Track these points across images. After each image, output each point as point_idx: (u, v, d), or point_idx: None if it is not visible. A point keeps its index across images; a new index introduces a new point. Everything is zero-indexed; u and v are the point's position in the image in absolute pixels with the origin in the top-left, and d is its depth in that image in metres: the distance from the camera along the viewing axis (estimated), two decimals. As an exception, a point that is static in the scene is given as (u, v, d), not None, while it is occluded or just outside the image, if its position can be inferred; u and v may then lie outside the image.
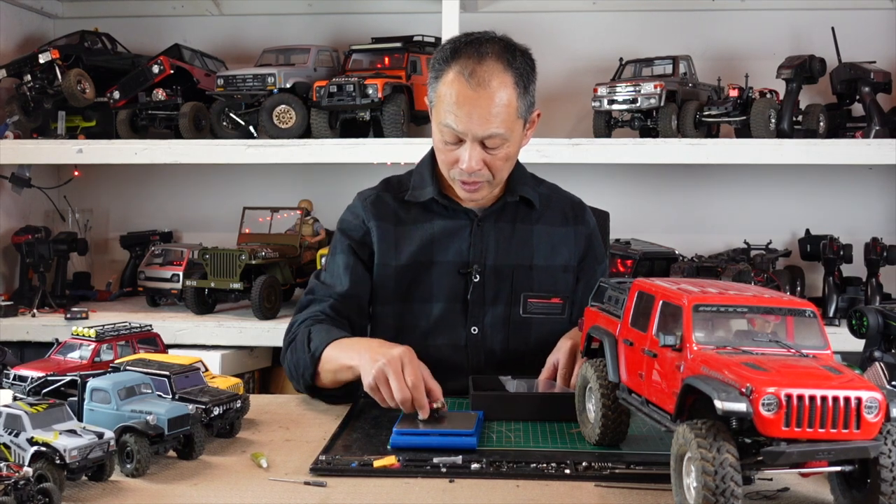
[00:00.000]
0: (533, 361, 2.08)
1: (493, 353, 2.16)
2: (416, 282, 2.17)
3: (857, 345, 1.78)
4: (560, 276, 2.20)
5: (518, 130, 2.05)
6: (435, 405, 1.72)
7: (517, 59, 2.02)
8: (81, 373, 1.66)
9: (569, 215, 2.26)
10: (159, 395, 1.64)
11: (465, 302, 2.16)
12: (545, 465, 1.52)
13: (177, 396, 1.67)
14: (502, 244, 2.18)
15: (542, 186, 2.29)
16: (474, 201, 2.15)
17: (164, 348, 2.06)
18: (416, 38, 3.49)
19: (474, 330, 2.16)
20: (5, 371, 1.83)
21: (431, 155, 2.19)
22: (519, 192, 2.18)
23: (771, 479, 1.44)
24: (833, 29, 3.34)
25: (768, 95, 3.23)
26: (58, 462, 1.37)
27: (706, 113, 3.23)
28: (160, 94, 3.47)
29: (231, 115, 3.44)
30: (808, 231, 3.42)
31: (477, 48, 2.00)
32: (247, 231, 3.50)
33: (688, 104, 3.23)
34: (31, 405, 1.45)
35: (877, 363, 1.66)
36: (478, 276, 2.15)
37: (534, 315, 2.17)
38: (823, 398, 1.17)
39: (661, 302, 1.39)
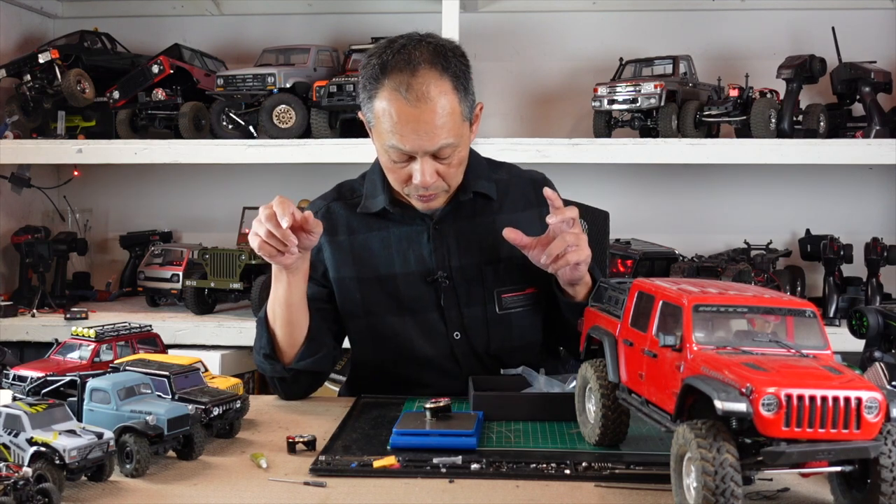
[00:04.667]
0: (521, 357, 2.07)
1: (480, 356, 2.11)
2: (383, 295, 2.10)
3: (858, 345, 1.78)
4: (531, 264, 2.05)
5: (466, 133, 1.99)
6: None
7: (450, 61, 1.92)
8: (81, 373, 1.67)
9: (531, 197, 2.15)
10: (159, 396, 1.64)
11: (441, 309, 2.10)
12: (545, 465, 1.52)
13: (176, 397, 1.67)
14: (464, 244, 2.10)
15: (500, 171, 2.19)
16: (431, 210, 2.08)
17: (164, 348, 2.06)
18: (416, 38, 3.48)
19: (457, 335, 2.10)
20: (5, 371, 1.83)
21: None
22: (472, 189, 2.09)
23: (771, 480, 1.43)
24: (833, 29, 3.34)
25: (768, 95, 3.22)
26: (57, 462, 1.37)
27: (706, 113, 3.22)
28: (160, 93, 3.46)
29: (231, 114, 3.43)
30: (808, 231, 3.42)
31: (406, 58, 1.89)
32: (247, 231, 3.47)
33: (688, 104, 3.22)
34: (31, 405, 1.45)
35: (877, 363, 1.66)
36: (446, 280, 2.09)
37: (511, 310, 2.10)
38: (823, 398, 1.17)
39: (661, 302, 1.39)
